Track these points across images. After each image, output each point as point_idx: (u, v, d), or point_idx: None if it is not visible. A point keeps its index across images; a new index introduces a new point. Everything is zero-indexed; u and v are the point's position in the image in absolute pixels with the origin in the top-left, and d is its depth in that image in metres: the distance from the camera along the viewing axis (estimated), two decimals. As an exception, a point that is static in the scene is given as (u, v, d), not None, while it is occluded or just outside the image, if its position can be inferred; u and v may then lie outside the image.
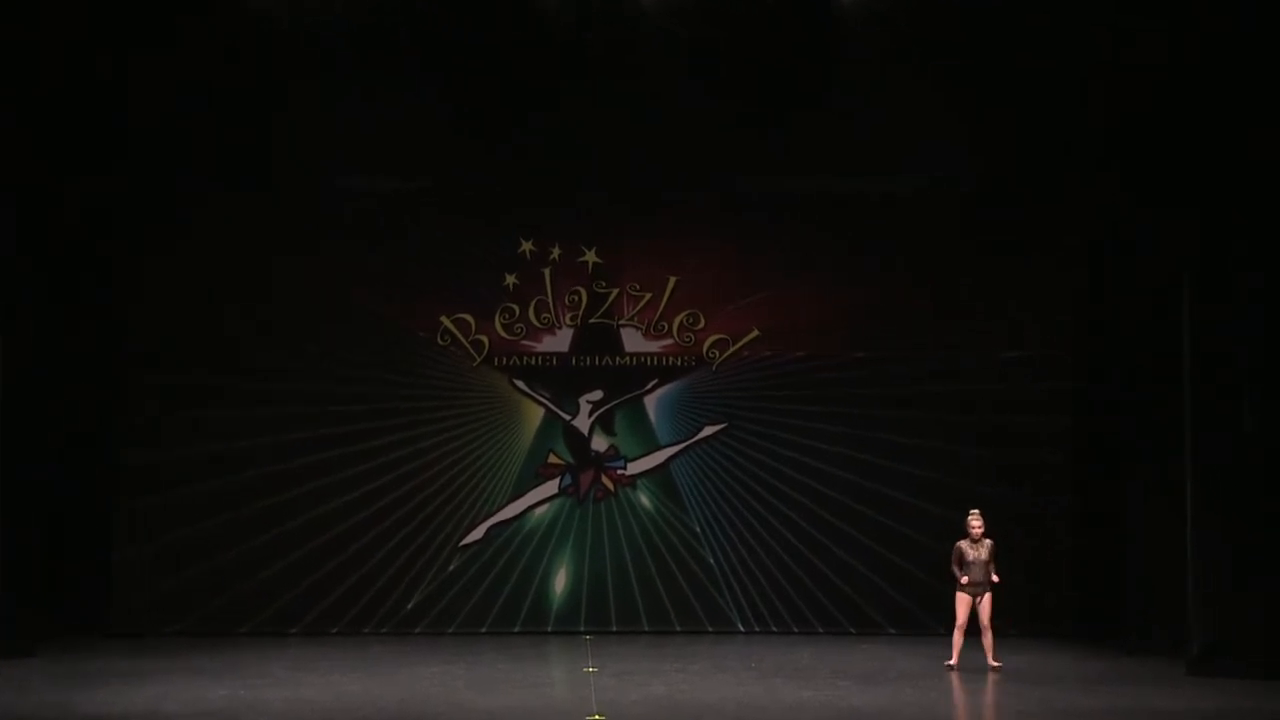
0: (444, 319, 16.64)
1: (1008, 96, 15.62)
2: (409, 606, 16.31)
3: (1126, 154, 14.86)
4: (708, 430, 16.68)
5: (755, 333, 16.68)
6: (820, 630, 16.26)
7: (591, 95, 15.78)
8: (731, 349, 16.71)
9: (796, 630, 16.31)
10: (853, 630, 16.21)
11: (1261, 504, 13.14)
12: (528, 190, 16.46)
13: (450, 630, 16.21)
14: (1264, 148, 13.13)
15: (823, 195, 16.57)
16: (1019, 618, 15.69)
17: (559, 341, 16.73)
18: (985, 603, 13.46)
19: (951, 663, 13.45)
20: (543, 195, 16.53)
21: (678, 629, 16.34)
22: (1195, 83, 13.50)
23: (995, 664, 13.40)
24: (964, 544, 13.54)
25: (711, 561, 16.53)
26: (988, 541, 13.50)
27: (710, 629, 16.35)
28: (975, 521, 13.52)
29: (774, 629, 16.35)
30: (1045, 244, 16.40)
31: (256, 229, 16.36)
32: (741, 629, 16.38)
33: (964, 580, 13.47)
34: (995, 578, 13.46)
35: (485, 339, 16.67)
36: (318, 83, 15.54)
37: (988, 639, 13.47)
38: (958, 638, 13.49)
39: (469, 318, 16.67)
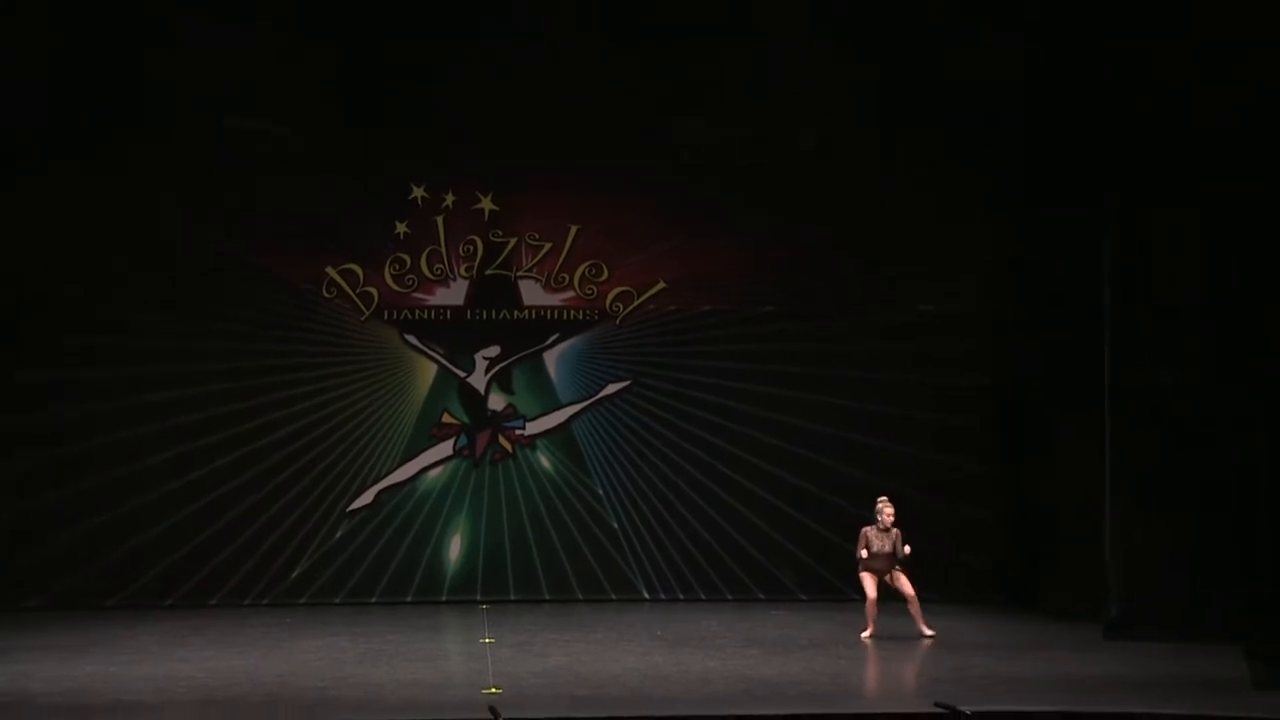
0: (330, 270, 16.42)
1: (928, 48, 15.69)
2: (293, 576, 16.16)
3: (1054, 110, 14.99)
4: (611, 388, 16.66)
5: (661, 285, 16.67)
6: (729, 597, 16.37)
7: (489, 36, 15.62)
8: (636, 302, 16.69)
9: (704, 597, 16.39)
10: (763, 597, 16.34)
11: (1178, 466, 13.40)
12: (419, 132, 16.23)
13: (337, 600, 16.10)
14: (1183, 106, 13.35)
15: (731, 142, 16.53)
16: (941, 585, 15.91)
17: (453, 294, 16.59)
18: (900, 578, 13.56)
19: (867, 634, 13.57)
20: (436, 138, 16.31)
21: (580, 597, 16.35)
22: (1123, 44, 13.68)
23: (929, 633, 13.51)
24: (870, 531, 13.60)
25: (615, 526, 16.55)
26: (895, 531, 13.55)
27: (614, 597, 16.39)
28: (887, 509, 13.56)
29: (681, 596, 16.42)
30: (966, 197, 16.43)
31: (122, 176, 15.95)
32: (647, 596, 16.43)
33: (865, 556, 13.59)
34: (907, 550, 13.52)
35: (374, 291, 16.48)
36: (186, 19, 15.23)
37: (915, 608, 13.58)
38: (871, 609, 13.60)
39: (356, 269, 16.46)
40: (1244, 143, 12.70)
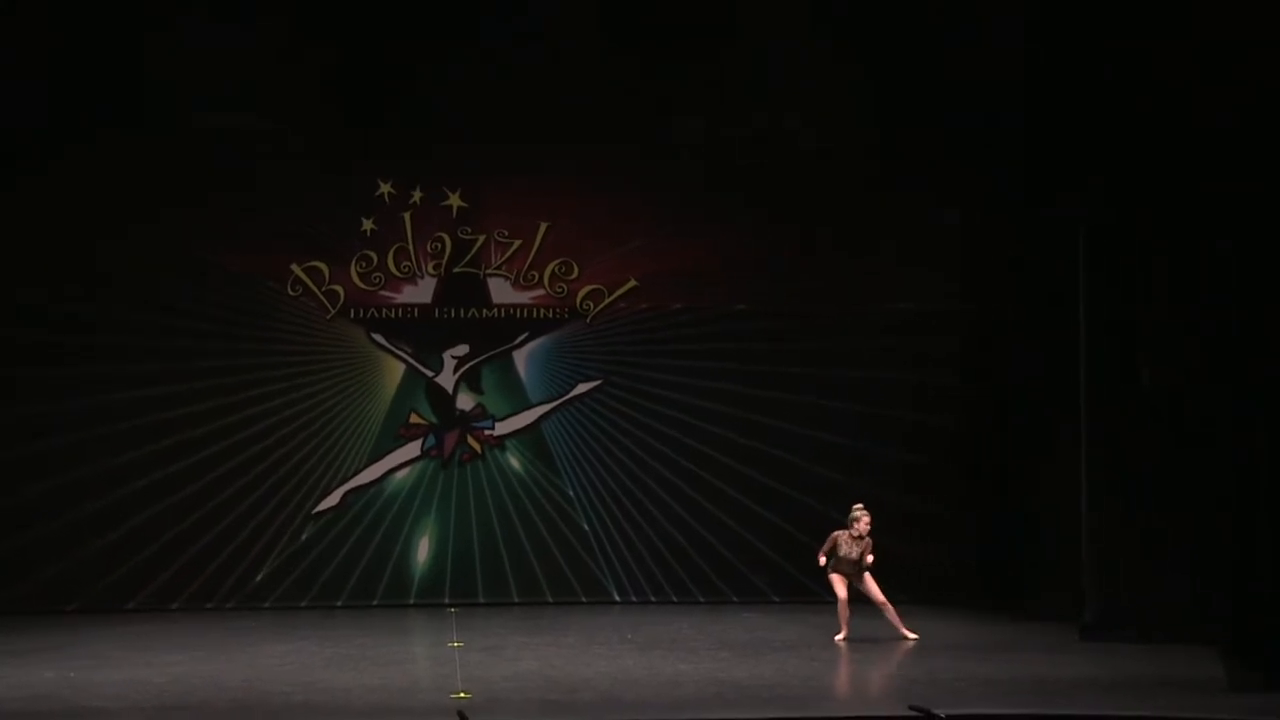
0: (295, 267, 16.38)
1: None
2: (257, 579, 16.11)
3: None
4: (582, 387, 16.67)
5: (632, 283, 16.68)
6: (701, 600, 16.40)
7: (459, 29, 15.62)
8: (607, 300, 16.69)
9: (676, 600, 16.42)
10: (735, 599, 16.36)
11: (1156, 465, 13.50)
12: (386, 128, 16.17)
13: (303, 604, 16.07)
14: (1168, 113, 13.48)
15: (706, 137, 16.53)
16: (914, 585, 15.97)
17: (421, 292, 16.56)
18: (868, 582, 13.61)
19: (841, 636, 13.63)
20: (403, 133, 16.26)
21: (550, 600, 16.36)
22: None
23: (910, 636, 13.55)
24: (842, 536, 13.62)
25: (586, 528, 16.56)
26: (867, 541, 13.59)
27: (585, 599, 16.40)
28: (864, 518, 13.56)
29: (653, 599, 16.44)
30: (944, 194, 16.39)
31: (86, 171, 15.84)
32: (618, 599, 16.45)
33: (823, 562, 13.66)
34: (870, 559, 13.58)
35: (340, 289, 16.44)
36: (152, 12, 15.17)
37: (890, 613, 13.60)
38: (843, 611, 13.66)
39: (322, 266, 16.42)
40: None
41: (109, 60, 15.31)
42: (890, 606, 13.64)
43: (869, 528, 13.60)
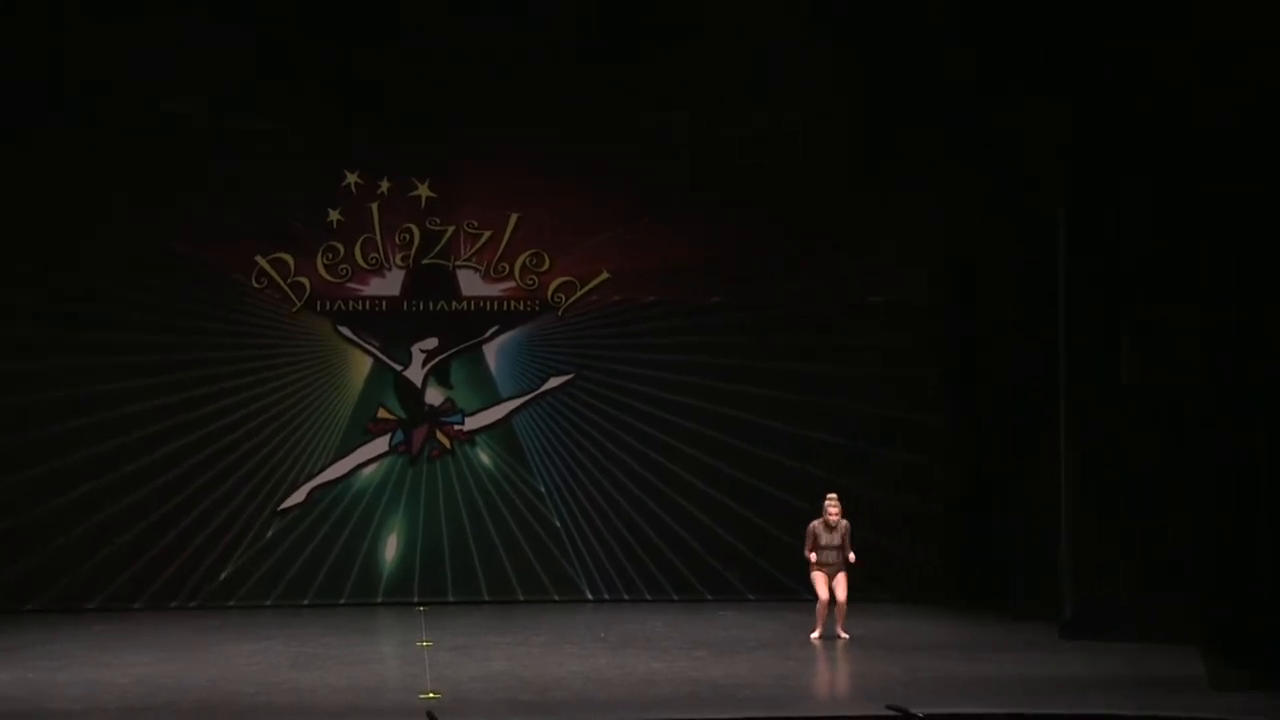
0: (259, 259, 16.28)
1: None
2: (222, 577, 16.02)
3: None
4: (553, 382, 16.63)
5: (605, 275, 16.63)
6: (675, 597, 16.38)
7: (427, 15, 15.56)
8: (579, 293, 16.65)
9: (650, 598, 16.40)
10: (710, 597, 16.35)
11: (1135, 462, 13.53)
12: (353, 116, 16.10)
13: (269, 603, 15.99)
14: (1146, 88, 13.52)
15: (678, 128, 16.51)
16: (893, 584, 15.99)
17: (389, 284, 16.49)
18: (840, 579, 13.68)
19: (815, 634, 13.65)
20: (370, 122, 16.18)
21: (521, 598, 16.31)
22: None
23: (843, 635, 13.66)
24: (818, 526, 13.76)
25: (557, 524, 16.52)
26: (844, 523, 13.74)
27: (556, 598, 16.36)
28: (833, 509, 13.73)
29: (625, 597, 16.42)
30: (922, 185, 16.34)
31: (50, 160, 15.71)
32: (590, 597, 16.42)
33: (815, 559, 13.72)
34: (851, 557, 13.69)
35: (306, 281, 16.35)
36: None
37: (841, 612, 13.70)
38: (822, 610, 13.71)
39: (287, 258, 16.32)
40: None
41: (52, 51, 15.29)
42: (844, 608, 13.67)
43: (839, 513, 13.66)
